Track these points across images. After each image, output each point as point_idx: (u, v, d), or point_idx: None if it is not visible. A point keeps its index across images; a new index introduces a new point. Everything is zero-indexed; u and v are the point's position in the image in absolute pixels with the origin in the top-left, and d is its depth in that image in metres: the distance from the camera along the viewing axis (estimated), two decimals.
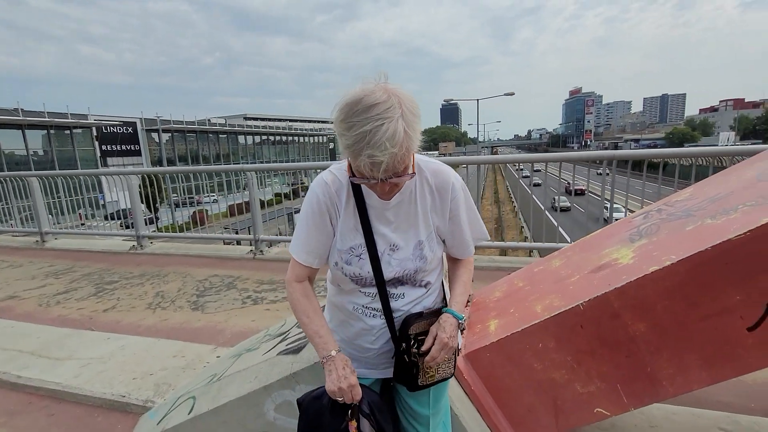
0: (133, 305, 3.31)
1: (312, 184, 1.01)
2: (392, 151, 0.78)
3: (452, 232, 1.06)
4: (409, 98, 0.83)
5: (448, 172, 1.02)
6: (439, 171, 1.01)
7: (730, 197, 1.23)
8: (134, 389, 2.04)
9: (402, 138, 0.79)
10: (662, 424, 1.60)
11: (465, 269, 1.13)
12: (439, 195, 1.01)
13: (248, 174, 4.40)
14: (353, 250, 0.99)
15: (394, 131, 0.78)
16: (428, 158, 1.04)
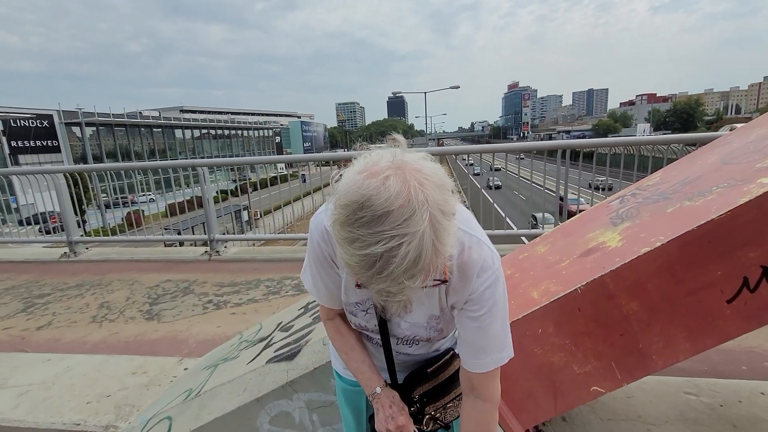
0: (73, 320, 2.94)
1: (311, 226, 0.83)
2: (412, 285, 0.57)
3: (464, 322, 0.80)
4: (437, 180, 0.58)
5: (483, 251, 0.75)
6: (470, 246, 0.74)
7: (701, 180, 1.33)
8: (90, 415, 1.81)
9: (429, 259, 0.55)
10: (636, 393, 1.72)
11: (474, 425, 0.83)
12: (461, 273, 0.75)
13: (200, 170, 4.09)
14: (359, 304, 0.86)
15: (416, 256, 0.53)
16: (466, 223, 0.75)
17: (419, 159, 0.61)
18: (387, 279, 0.55)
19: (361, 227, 0.54)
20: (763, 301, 1.12)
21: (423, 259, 0.54)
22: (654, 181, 1.59)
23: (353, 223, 0.55)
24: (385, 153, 0.61)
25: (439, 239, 0.56)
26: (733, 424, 1.51)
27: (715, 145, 1.59)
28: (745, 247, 1.10)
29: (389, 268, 0.54)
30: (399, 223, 0.53)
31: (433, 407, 0.90)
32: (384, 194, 0.54)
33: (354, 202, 0.55)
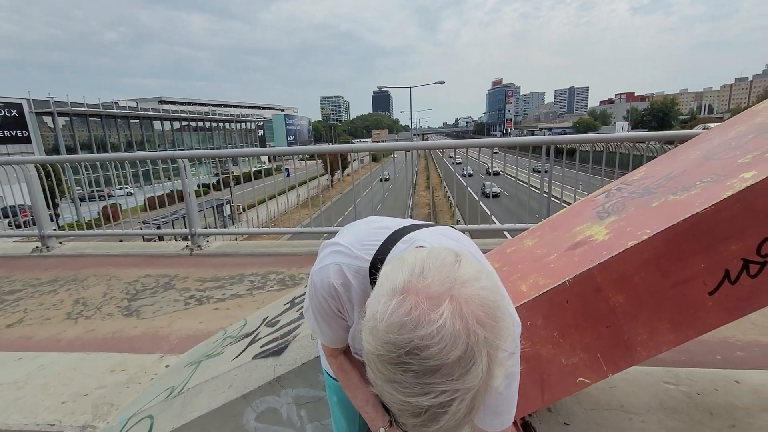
0: (46, 317, 2.82)
1: (316, 281, 0.76)
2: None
3: None
4: (494, 317, 0.48)
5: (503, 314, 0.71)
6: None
7: (685, 175, 1.36)
8: (66, 414, 1.74)
9: (478, 410, 0.49)
10: (618, 384, 1.76)
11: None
12: None
13: (180, 162, 3.97)
14: None
15: (470, 410, 0.47)
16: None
17: (475, 279, 0.50)
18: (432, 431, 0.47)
19: (407, 373, 0.45)
20: (743, 293, 1.15)
21: (475, 409, 0.47)
22: (639, 175, 1.61)
23: (396, 366, 0.45)
24: (433, 262, 0.50)
25: (492, 376, 0.48)
26: (709, 411, 1.56)
27: (696, 142, 1.63)
28: (728, 240, 1.12)
29: (437, 424, 0.46)
30: (454, 378, 0.44)
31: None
32: (440, 342, 0.44)
33: (399, 346, 0.45)
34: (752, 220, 1.11)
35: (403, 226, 0.81)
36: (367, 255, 0.74)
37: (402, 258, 0.54)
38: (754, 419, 1.51)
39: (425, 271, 0.49)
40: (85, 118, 36.83)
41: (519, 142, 4.24)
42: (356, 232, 0.82)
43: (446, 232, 0.82)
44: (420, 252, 0.55)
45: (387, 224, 0.82)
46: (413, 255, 0.54)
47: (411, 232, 0.78)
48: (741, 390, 1.68)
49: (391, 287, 0.49)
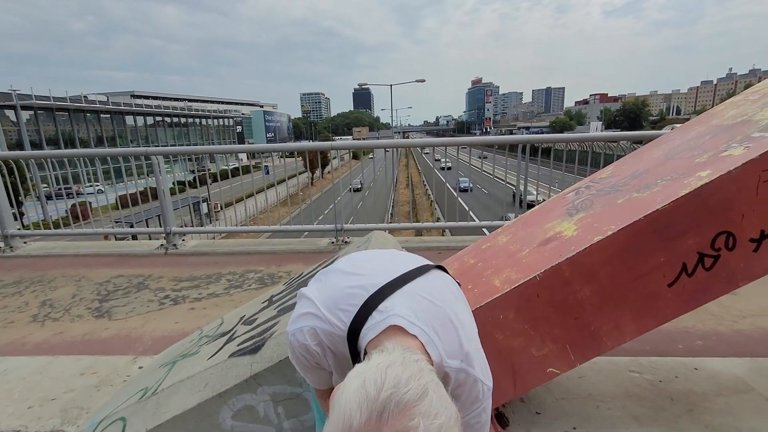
0: (10, 320, 2.70)
1: (292, 340, 0.79)
2: None
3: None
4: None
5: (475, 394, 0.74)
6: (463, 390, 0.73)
7: (648, 174, 1.43)
8: (32, 420, 1.67)
9: None
10: (587, 373, 1.84)
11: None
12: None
13: (154, 158, 3.86)
14: None
15: None
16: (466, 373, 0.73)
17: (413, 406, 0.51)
18: None
19: None
20: (699, 285, 1.22)
21: None
22: (606, 174, 1.68)
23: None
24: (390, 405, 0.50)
25: None
26: (670, 397, 1.65)
27: (660, 142, 1.71)
28: (685, 235, 1.19)
29: None
30: None
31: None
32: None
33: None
34: (707, 216, 1.18)
35: (380, 287, 0.76)
36: (341, 322, 0.74)
37: (364, 384, 0.54)
38: (710, 403, 1.60)
39: (383, 417, 0.50)
40: (52, 112, 35.18)
41: (497, 141, 4.32)
42: (331, 289, 0.80)
43: (427, 294, 0.78)
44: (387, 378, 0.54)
45: (363, 283, 0.78)
46: (376, 384, 0.53)
47: (388, 296, 0.75)
48: (699, 377, 1.78)
49: (345, 425, 0.50)
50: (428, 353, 0.68)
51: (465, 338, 0.74)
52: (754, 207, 1.16)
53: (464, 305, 0.84)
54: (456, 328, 0.74)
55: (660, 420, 1.54)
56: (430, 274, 0.83)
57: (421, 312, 0.73)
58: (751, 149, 1.18)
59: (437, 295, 0.78)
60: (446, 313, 0.75)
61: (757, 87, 1.72)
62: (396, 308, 0.72)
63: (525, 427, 1.53)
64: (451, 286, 0.86)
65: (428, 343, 0.69)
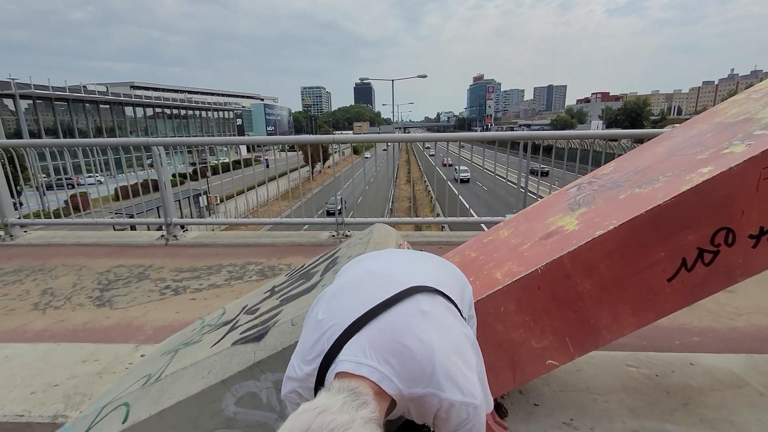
0: (11, 307, 2.71)
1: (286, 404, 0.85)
2: None
3: None
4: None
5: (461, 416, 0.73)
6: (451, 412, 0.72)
7: (650, 170, 1.44)
8: (35, 405, 1.69)
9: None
10: (584, 367, 1.86)
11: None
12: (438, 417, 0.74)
13: (155, 149, 3.85)
14: None
15: None
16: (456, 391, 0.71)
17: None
18: None
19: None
20: (698, 279, 1.24)
21: None
22: (608, 170, 1.70)
23: None
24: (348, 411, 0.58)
25: None
26: (666, 391, 1.68)
27: (662, 139, 1.72)
28: (685, 230, 1.21)
29: None
30: None
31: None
32: None
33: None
34: (707, 212, 1.19)
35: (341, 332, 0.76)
36: (313, 377, 0.76)
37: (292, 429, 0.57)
38: (705, 397, 1.63)
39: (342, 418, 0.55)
40: (50, 101, 34.96)
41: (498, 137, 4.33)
42: (303, 342, 0.82)
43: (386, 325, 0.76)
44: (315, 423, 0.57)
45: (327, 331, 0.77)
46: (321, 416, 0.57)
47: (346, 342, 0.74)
48: (695, 371, 1.80)
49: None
50: (383, 389, 0.68)
51: (428, 362, 0.71)
52: (754, 204, 1.17)
53: (444, 325, 0.79)
54: (414, 353, 0.71)
55: (656, 413, 1.56)
56: (405, 302, 0.80)
57: (372, 348, 0.72)
58: (753, 146, 1.19)
59: (398, 324, 0.76)
60: (403, 338, 0.73)
61: (760, 86, 1.73)
62: (344, 353, 0.73)
63: (523, 419, 1.55)
64: (431, 307, 0.81)
65: (380, 379, 0.69)
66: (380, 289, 0.84)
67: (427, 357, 0.71)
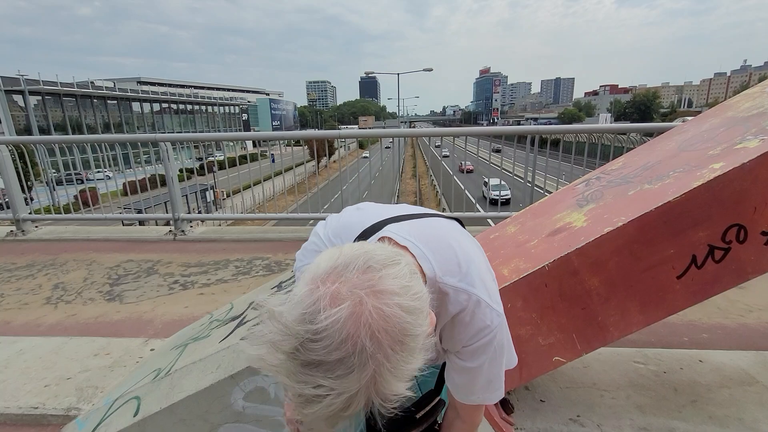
0: (24, 301, 2.77)
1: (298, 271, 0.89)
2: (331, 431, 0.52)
3: (455, 367, 0.76)
4: (399, 335, 0.48)
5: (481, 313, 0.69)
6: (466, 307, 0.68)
7: (660, 165, 1.42)
8: (49, 397, 1.73)
9: (358, 408, 0.49)
10: (592, 363, 1.85)
11: (457, 428, 0.84)
12: (453, 327, 0.71)
13: (162, 145, 3.88)
14: None
15: (342, 408, 0.47)
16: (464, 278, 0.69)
17: (392, 293, 0.49)
18: (309, 416, 0.48)
19: (293, 361, 0.46)
20: (708, 277, 1.22)
21: (350, 411, 0.48)
22: (617, 165, 1.67)
23: (288, 353, 0.46)
24: (357, 261, 0.51)
25: (380, 394, 0.48)
26: (674, 388, 1.67)
27: (673, 133, 1.69)
28: (696, 227, 1.19)
29: (311, 408, 0.47)
30: (332, 376, 0.45)
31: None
32: (326, 339, 0.45)
33: (294, 335, 0.46)
34: (719, 208, 1.17)
35: (380, 220, 0.78)
36: None
37: (340, 248, 0.55)
38: (713, 394, 1.62)
39: (347, 269, 0.50)
40: (59, 97, 35.29)
41: (505, 132, 4.29)
42: (336, 223, 0.85)
43: (426, 223, 0.78)
44: (362, 247, 0.55)
45: (364, 218, 0.80)
46: (351, 249, 0.54)
47: (384, 226, 0.76)
48: (704, 368, 1.79)
49: (312, 275, 0.51)
50: (420, 266, 0.66)
51: (465, 260, 0.70)
52: (767, 200, 1.15)
53: (472, 242, 0.80)
54: (455, 250, 0.71)
55: (663, 410, 1.55)
56: (438, 217, 0.84)
57: (415, 232, 0.72)
58: (766, 142, 1.17)
59: (437, 225, 0.78)
60: (444, 237, 0.74)
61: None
62: (387, 228, 0.74)
63: (529, 415, 1.55)
64: (459, 228, 0.84)
65: (420, 256, 0.67)
66: (421, 209, 0.87)
67: (465, 258, 0.71)
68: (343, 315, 0.46)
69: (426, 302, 0.53)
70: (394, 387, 0.49)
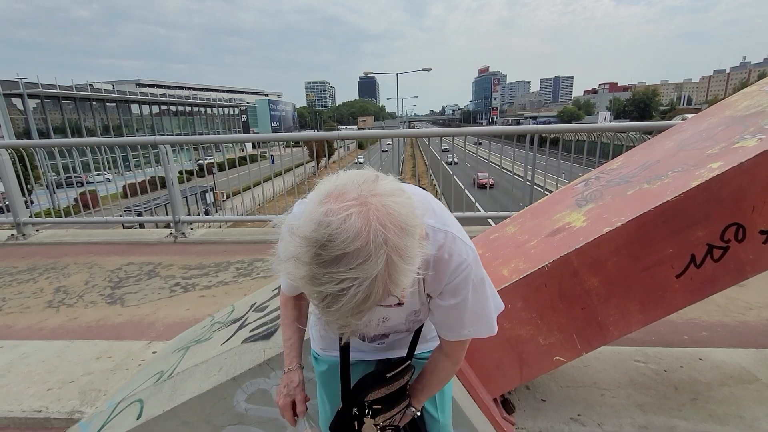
0: (26, 305, 2.77)
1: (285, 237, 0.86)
2: (358, 322, 0.57)
3: (440, 308, 0.81)
4: (401, 223, 0.55)
5: (457, 247, 0.75)
6: (444, 244, 0.74)
7: (659, 165, 1.43)
8: (53, 401, 1.73)
9: (378, 299, 0.55)
10: (592, 362, 1.86)
11: (434, 374, 0.90)
12: (436, 268, 0.75)
13: (162, 147, 3.88)
14: None
15: (365, 297, 0.54)
16: (439, 219, 0.75)
17: (389, 194, 0.57)
18: (335, 314, 0.55)
19: (319, 266, 0.53)
20: (707, 276, 1.23)
21: (372, 300, 0.54)
22: (616, 165, 1.68)
23: (312, 259, 0.53)
24: (354, 178, 0.59)
25: (393, 281, 0.55)
26: (674, 386, 1.67)
27: (671, 133, 1.70)
28: (694, 226, 1.20)
29: (337, 305, 0.54)
30: (353, 266, 0.52)
31: (386, 416, 0.87)
32: (343, 234, 0.52)
33: (316, 240, 0.53)
34: (717, 207, 1.18)
35: None
36: None
37: (336, 174, 0.62)
38: (714, 392, 1.62)
39: (347, 186, 0.58)
40: (58, 100, 35.29)
41: (504, 131, 4.29)
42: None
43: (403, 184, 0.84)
44: (354, 171, 0.63)
45: None
46: (345, 174, 0.62)
47: None
48: (704, 366, 1.80)
49: (316, 197, 0.58)
50: None
51: (438, 207, 0.78)
52: (766, 199, 1.15)
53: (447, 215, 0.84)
54: (428, 200, 0.78)
55: (664, 408, 1.56)
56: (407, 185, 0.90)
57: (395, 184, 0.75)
58: (765, 141, 1.17)
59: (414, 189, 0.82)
60: (419, 191, 0.79)
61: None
62: None
63: (530, 414, 1.56)
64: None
65: None
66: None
67: (437, 205, 0.79)
68: (353, 213, 0.53)
69: (414, 204, 0.60)
70: (403, 274, 0.56)
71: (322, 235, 0.53)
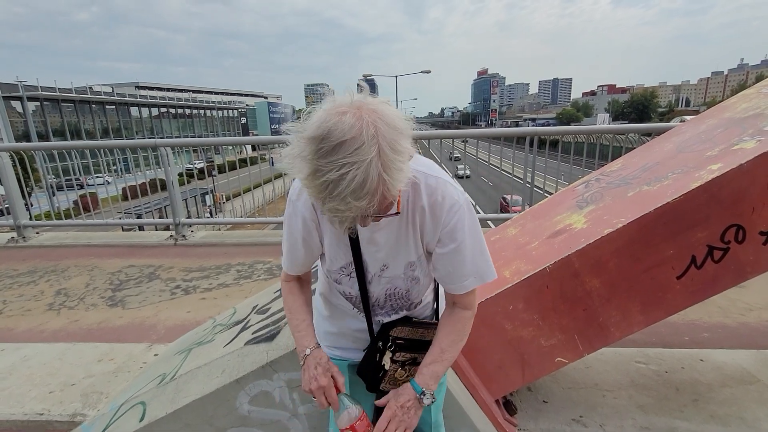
0: (27, 308, 2.77)
1: (293, 199, 0.87)
2: (358, 205, 0.64)
3: (441, 257, 0.85)
4: (390, 121, 0.65)
5: (448, 190, 0.82)
6: (436, 188, 0.81)
7: (659, 167, 1.44)
8: (54, 404, 1.73)
9: (375, 186, 0.63)
10: (594, 364, 1.86)
11: (451, 327, 0.92)
12: (432, 213, 0.82)
13: (162, 150, 3.89)
14: (344, 269, 0.92)
15: (362, 181, 0.62)
16: (429, 168, 0.83)
17: (379, 102, 0.68)
18: (336, 198, 0.63)
19: (321, 158, 0.63)
20: (708, 277, 1.24)
21: (368, 183, 0.63)
22: (616, 167, 1.69)
23: (314, 153, 0.64)
24: (350, 95, 0.69)
25: (386, 170, 0.64)
26: (676, 387, 1.68)
27: (671, 134, 1.71)
28: (695, 228, 1.20)
29: (338, 189, 0.63)
30: (350, 153, 0.61)
31: (406, 354, 0.95)
32: (340, 126, 0.62)
33: (317, 136, 0.63)
34: (717, 209, 1.19)
35: None
36: None
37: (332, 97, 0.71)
38: (715, 393, 1.63)
39: (344, 97, 0.68)
40: (57, 103, 35.29)
41: (503, 133, 4.31)
42: None
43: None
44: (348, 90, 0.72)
45: None
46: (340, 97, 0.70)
47: None
48: (705, 367, 1.80)
49: (320, 112, 0.67)
50: None
51: (427, 161, 0.86)
52: (765, 200, 1.16)
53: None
54: (421, 159, 0.86)
55: (665, 409, 1.56)
56: None
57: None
58: (763, 143, 1.18)
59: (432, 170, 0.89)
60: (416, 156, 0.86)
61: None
62: None
63: (532, 416, 1.56)
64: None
65: None
66: None
67: (426, 159, 0.86)
68: (349, 112, 0.64)
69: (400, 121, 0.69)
70: (394, 165, 0.65)
71: (322, 130, 0.63)
